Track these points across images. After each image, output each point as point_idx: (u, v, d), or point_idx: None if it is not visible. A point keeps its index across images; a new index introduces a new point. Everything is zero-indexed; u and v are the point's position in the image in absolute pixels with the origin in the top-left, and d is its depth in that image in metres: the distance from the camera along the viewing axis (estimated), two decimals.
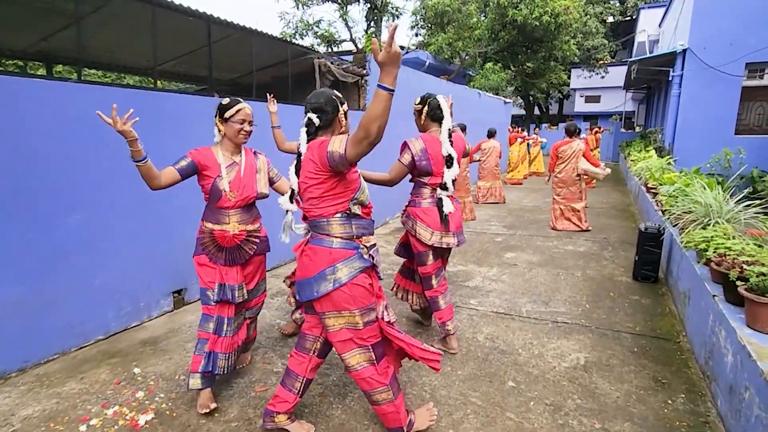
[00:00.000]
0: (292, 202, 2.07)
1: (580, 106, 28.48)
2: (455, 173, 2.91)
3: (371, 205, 2.13)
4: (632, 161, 9.94)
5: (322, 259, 1.99)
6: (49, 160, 2.95)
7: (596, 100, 27.80)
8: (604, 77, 22.50)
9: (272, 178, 2.68)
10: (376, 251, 2.14)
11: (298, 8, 14.43)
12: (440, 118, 2.93)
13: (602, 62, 21.77)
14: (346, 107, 2.12)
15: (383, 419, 2.20)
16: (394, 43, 1.56)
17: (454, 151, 2.88)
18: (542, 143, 14.59)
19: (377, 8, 14.17)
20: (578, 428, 2.34)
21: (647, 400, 2.58)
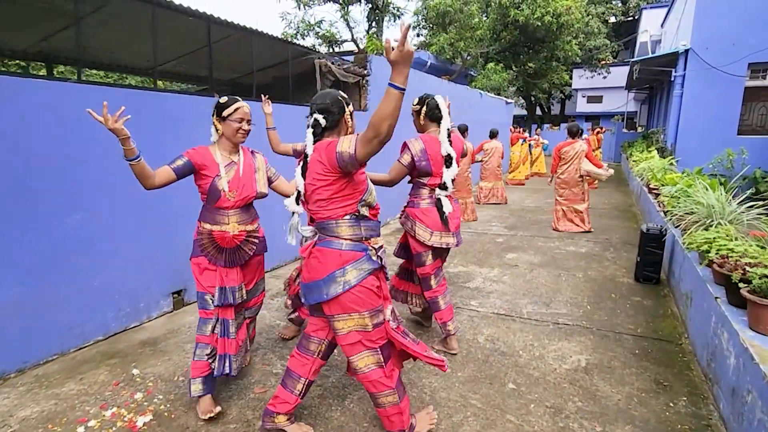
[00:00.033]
0: (298, 203, 2.04)
1: (582, 106, 28.42)
2: (454, 173, 2.90)
3: (378, 206, 2.13)
4: (634, 162, 9.91)
5: (331, 261, 1.98)
6: (48, 160, 2.95)
7: (598, 100, 27.74)
8: (606, 77, 22.44)
9: (270, 177, 2.66)
10: (383, 253, 2.14)
11: (299, 8, 14.48)
12: (439, 118, 2.92)
13: (604, 62, 21.71)
14: (351, 108, 2.11)
15: (385, 422, 2.18)
16: (406, 42, 1.56)
17: (453, 151, 2.87)
18: (543, 144, 14.55)
19: (378, 8, 14.18)
20: (579, 431, 2.32)
21: (649, 402, 2.56)
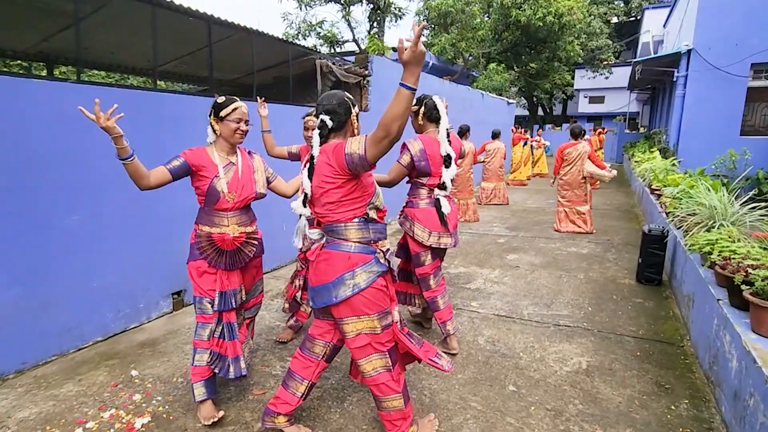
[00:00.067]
0: (305, 206, 2.02)
1: (584, 106, 28.37)
2: (453, 173, 2.91)
3: (385, 209, 2.12)
4: (636, 162, 9.88)
5: (340, 263, 1.97)
6: (47, 160, 2.95)
7: (600, 100, 27.70)
8: (608, 78, 22.40)
9: (268, 177, 2.62)
10: (391, 255, 2.13)
11: (300, 9, 14.50)
12: (437, 118, 2.92)
13: (606, 63, 21.67)
14: (357, 109, 2.10)
15: (387, 426, 2.15)
16: (419, 42, 1.57)
17: (452, 151, 2.87)
18: (545, 146, 14.51)
19: (380, 9, 14.18)
20: None
21: (650, 405, 2.54)
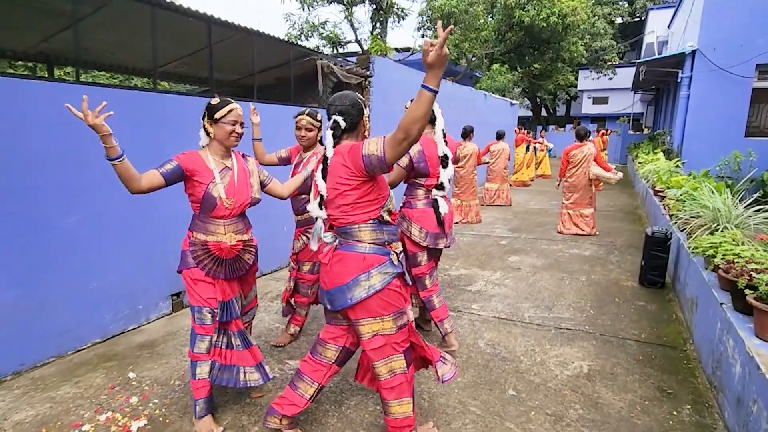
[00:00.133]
0: (321, 208, 2.01)
1: (587, 107, 28.28)
2: (451, 173, 2.93)
3: (397, 211, 2.11)
4: (640, 163, 9.82)
5: (355, 265, 1.96)
6: (46, 161, 2.94)
7: (604, 101, 27.61)
8: (612, 79, 22.32)
9: (263, 181, 2.55)
10: (403, 257, 2.13)
11: (303, 9, 14.49)
12: (433, 119, 2.93)
13: (610, 63, 21.60)
14: (368, 110, 2.09)
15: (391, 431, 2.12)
16: (445, 45, 1.58)
17: (449, 151, 2.88)
18: (549, 148, 14.46)
19: (383, 9, 14.16)
20: None
21: (652, 411, 2.51)
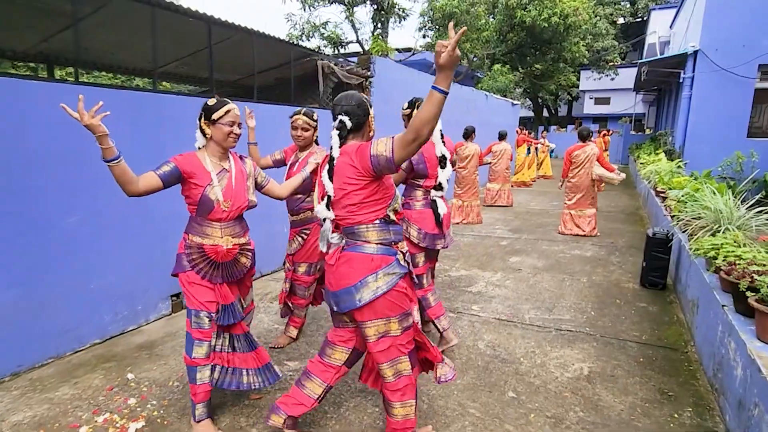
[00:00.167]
0: (329, 209, 1.99)
1: (589, 108, 28.24)
2: (449, 174, 2.92)
3: (402, 212, 2.10)
4: (642, 164, 9.79)
5: (362, 266, 1.94)
6: (47, 161, 2.93)
7: (606, 102, 27.57)
8: (614, 79, 22.29)
9: (261, 182, 2.53)
10: (409, 257, 2.13)
11: (304, 10, 14.48)
12: None
13: (612, 64, 21.56)
14: (373, 110, 2.09)
15: None
16: (457, 47, 1.59)
17: (447, 151, 2.87)
18: (550, 148, 14.43)
19: (384, 10, 14.14)
20: None
21: (652, 413, 2.49)
